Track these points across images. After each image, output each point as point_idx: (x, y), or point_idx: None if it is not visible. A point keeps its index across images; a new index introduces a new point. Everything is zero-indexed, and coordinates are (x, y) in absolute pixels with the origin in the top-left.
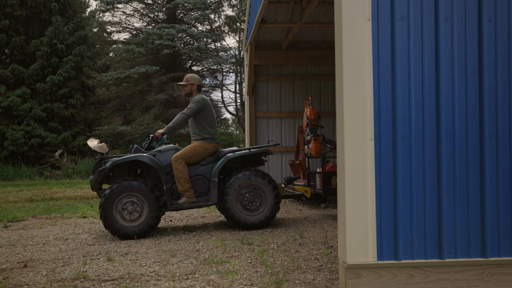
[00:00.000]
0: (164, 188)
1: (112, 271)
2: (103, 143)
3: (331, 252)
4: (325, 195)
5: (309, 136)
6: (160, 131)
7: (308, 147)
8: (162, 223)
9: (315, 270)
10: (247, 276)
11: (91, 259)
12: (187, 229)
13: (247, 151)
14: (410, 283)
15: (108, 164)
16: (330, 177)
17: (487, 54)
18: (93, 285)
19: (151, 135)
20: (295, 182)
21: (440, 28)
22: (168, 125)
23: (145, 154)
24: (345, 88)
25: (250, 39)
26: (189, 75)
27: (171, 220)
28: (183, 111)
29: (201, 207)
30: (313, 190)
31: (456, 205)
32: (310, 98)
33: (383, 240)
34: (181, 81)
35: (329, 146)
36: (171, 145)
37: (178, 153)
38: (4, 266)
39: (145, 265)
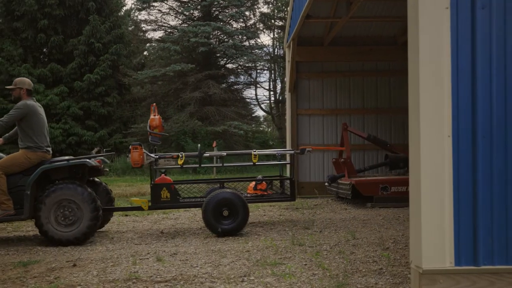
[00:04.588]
0: None
1: (163, 272)
2: None
3: (389, 254)
4: (155, 209)
5: (130, 145)
6: None
7: (128, 156)
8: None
9: (376, 273)
10: (305, 279)
11: (140, 259)
12: None
13: (65, 162)
14: None
15: None
16: (160, 189)
17: None
18: (146, 287)
19: None
20: (339, 181)
21: None
22: None
23: None
24: (421, 82)
25: (293, 35)
26: (18, 79)
27: None
28: (1, 118)
29: (21, 220)
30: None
31: None
32: (154, 104)
33: (461, 245)
34: (217, 78)
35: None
36: None
37: None
38: (54, 265)
39: (197, 266)
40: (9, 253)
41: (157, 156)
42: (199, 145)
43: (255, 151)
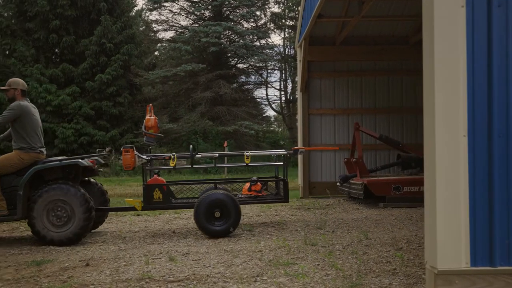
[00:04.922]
0: None
1: (176, 272)
2: None
3: (402, 255)
4: (147, 209)
5: (122, 148)
6: None
7: (119, 159)
8: None
9: (389, 273)
10: (318, 279)
11: (153, 259)
12: (245, 228)
13: (57, 162)
14: None
15: None
16: (152, 190)
17: None
18: (159, 286)
19: None
20: (351, 181)
21: None
22: None
23: None
24: (436, 81)
25: (305, 34)
26: (12, 79)
27: None
28: None
29: (14, 221)
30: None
31: None
32: (151, 104)
33: (477, 245)
34: (228, 78)
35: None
36: None
37: None
38: (67, 264)
39: (209, 266)
40: (22, 252)
41: (149, 158)
42: (191, 146)
43: (247, 152)
